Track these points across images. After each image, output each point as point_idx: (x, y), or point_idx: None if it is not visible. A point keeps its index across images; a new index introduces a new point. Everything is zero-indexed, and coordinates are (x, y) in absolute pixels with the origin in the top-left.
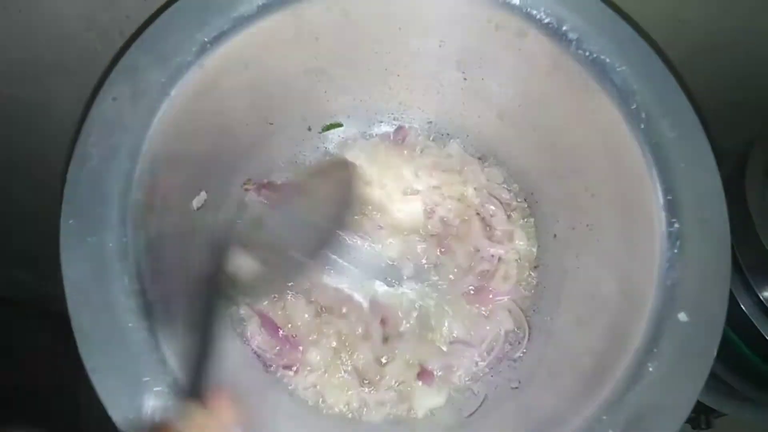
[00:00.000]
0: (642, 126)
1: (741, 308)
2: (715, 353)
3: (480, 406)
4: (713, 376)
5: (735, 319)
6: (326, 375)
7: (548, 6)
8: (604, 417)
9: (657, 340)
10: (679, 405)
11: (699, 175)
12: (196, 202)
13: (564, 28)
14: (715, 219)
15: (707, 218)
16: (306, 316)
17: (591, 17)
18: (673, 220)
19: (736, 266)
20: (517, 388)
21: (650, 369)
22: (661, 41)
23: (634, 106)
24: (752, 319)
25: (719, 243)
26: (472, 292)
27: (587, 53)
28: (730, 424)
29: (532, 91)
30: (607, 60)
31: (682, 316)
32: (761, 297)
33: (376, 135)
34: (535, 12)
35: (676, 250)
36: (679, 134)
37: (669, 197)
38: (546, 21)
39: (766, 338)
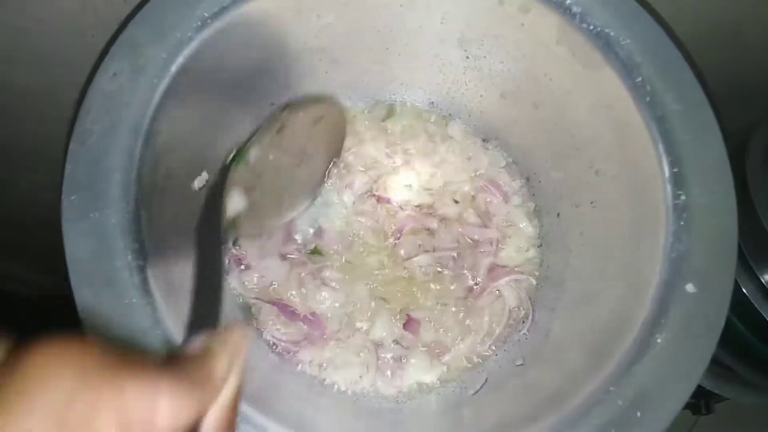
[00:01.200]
0: (647, 99)
1: (742, 292)
2: (723, 324)
3: (484, 384)
4: (714, 360)
5: (736, 302)
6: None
7: None
8: (612, 388)
9: (665, 312)
10: (688, 376)
11: (705, 147)
12: (197, 183)
13: (568, 1)
14: (721, 190)
15: (713, 190)
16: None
17: None
18: (680, 192)
19: (738, 250)
20: (522, 365)
21: (658, 340)
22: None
23: (639, 80)
24: (754, 303)
25: (726, 214)
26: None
27: (591, 26)
28: (732, 408)
29: (535, 68)
30: (612, 33)
31: (690, 287)
32: (763, 281)
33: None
34: None
35: (682, 223)
36: (685, 107)
37: (675, 170)
38: None
39: (767, 322)
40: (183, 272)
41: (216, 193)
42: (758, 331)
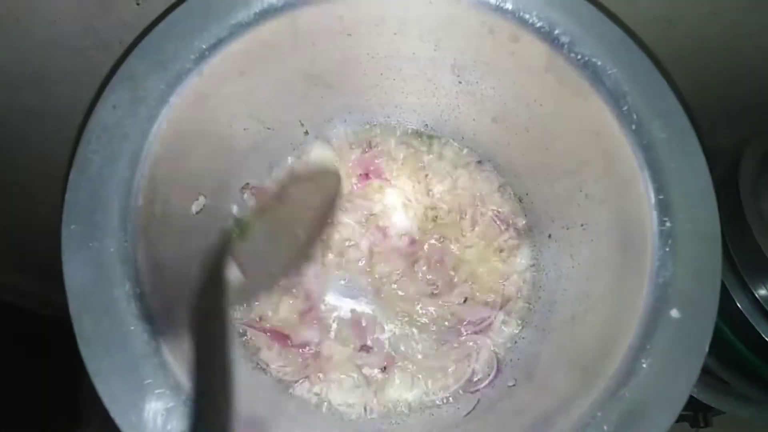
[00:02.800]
0: (633, 127)
1: (737, 306)
2: (707, 348)
3: (476, 405)
4: (711, 374)
5: (731, 317)
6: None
7: (540, 10)
8: (599, 413)
9: (650, 337)
10: (673, 400)
11: (689, 174)
12: (195, 207)
13: (556, 31)
14: (705, 217)
15: (698, 217)
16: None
17: (582, 21)
18: (665, 219)
19: (731, 265)
20: (514, 386)
21: (644, 365)
22: (651, 42)
23: (625, 108)
24: (748, 317)
25: (710, 241)
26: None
27: (579, 56)
28: (729, 421)
29: (525, 94)
30: (599, 63)
31: (675, 313)
32: (756, 295)
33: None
34: (527, 16)
35: (667, 249)
36: (670, 135)
37: (660, 197)
38: (538, 25)
39: (762, 336)
40: (181, 299)
41: (214, 266)
42: (752, 345)
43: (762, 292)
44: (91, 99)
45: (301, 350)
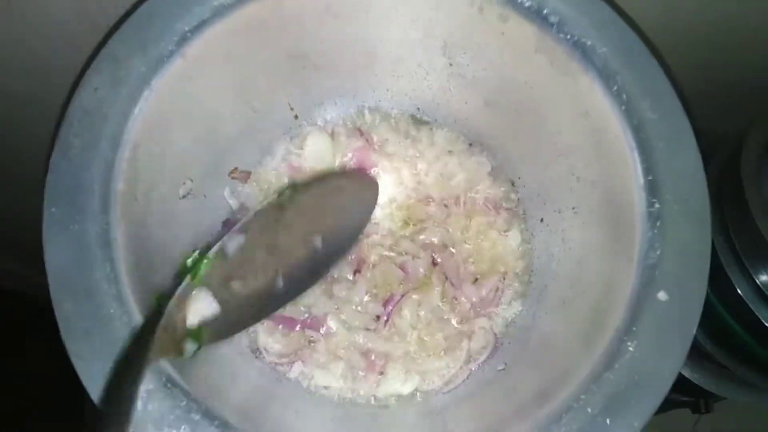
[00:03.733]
0: (623, 107)
1: (737, 292)
2: (694, 331)
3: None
4: (711, 359)
5: (731, 303)
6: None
7: None
8: (583, 396)
9: (636, 319)
10: (658, 383)
11: (679, 155)
12: (181, 191)
13: (545, 11)
14: (694, 199)
15: (687, 198)
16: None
17: (572, 0)
18: (654, 200)
19: (732, 251)
20: (503, 369)
21: (630, 348)
22: (649, 28)
23: (615, 88)
24: (749, 304)
25: (699, 222)
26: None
27: (568, 36)
28: (730, 407)
29: (516, 76)
30: (588, 42)
31: (662, 295)
32: (758, 281)
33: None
34: None
35: (656, 231)
36: (660, 115)
37: (649, 177)
38: (527, 5)
39: (762, 322)
40: (165, 282)
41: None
42: (753, 331)
43: (763, 278)
44: (73, 81)
45: (305, 330)
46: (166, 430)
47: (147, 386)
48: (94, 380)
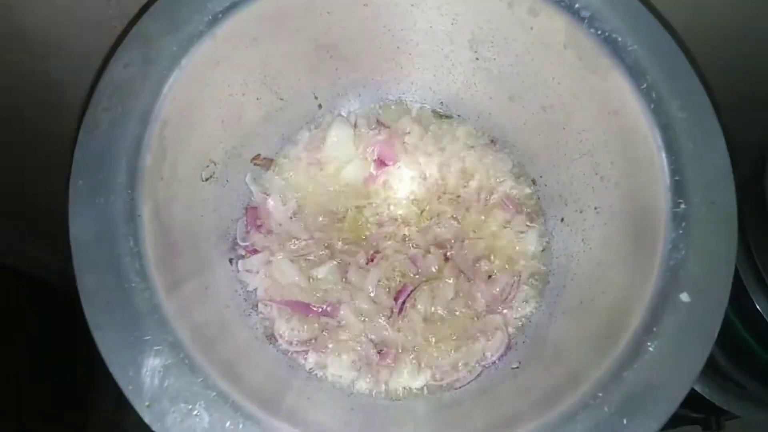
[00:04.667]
0: (652, 106)
1: (755, 307)
2: (716, 334)
3: (474, 378)
4: (726, 376)
5: (748, 318)
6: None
7: None
8: (600, 394)
9: (658, 320)
10: (677, 385)
11: (708, 156)
12: (204, 174)
13: (576, 5)
14: (722, 201)
15: (714, 200)
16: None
17: None
18: (680, 200)
19: (754, 268)
20: (517, 368)
21: (650, 348)
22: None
23: (644, 86)
24: (766, 318)
25: (726, 225)
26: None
27: (599, 31)
28: (741, 426)
29: (543, 71)
30: (619, 39)
31: (684, 297)
32: None
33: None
34: None
35: (681, 231)
36: (689, 115)
37: (676, 178)
38: None
39: None
40: (188, 263)
41: None
42: None
43: None
44: (104, 57)
45: (321, 317)
46: (182, 405)
47: (165, 361)
48: (112, 351)
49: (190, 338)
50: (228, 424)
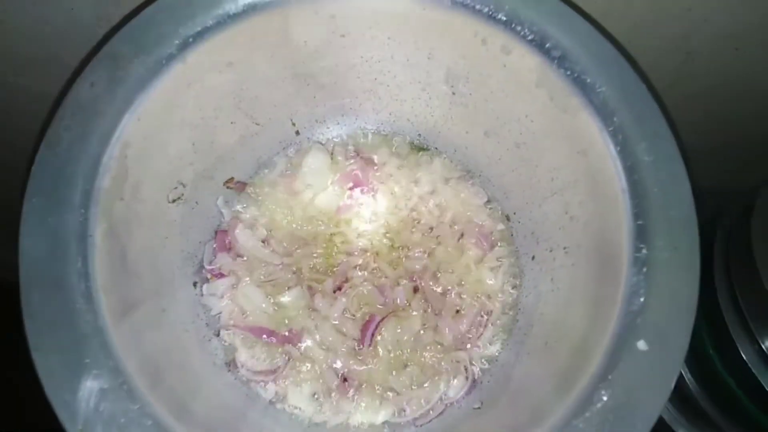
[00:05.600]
0: (618, 148)
1: (741, 356)
2: (672, 385)
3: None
4: (709, 424)
5: (734, 367)
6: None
7: (534, 23)
8: None
9: (613, 367)
10: None
11: (673, 202)
12: (171, 195)
13: (547, 45)
14: (685, 248)
15: (677, 246)
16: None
17: (576, 36)
18: (642, 245)
19: (739, 314)
20: (479, 408)
21: (603, 397)
22: (668, 74)
23: (611, 128)
24: (752, 368)
25: (688, 272)
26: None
27: (569, 72)
28: None
29: (517, 109)
30: (588, 79)
31: (642, 345)
32: (763, 346)
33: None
34: (519, 28)
35: (641, 276)
36: (656, 159)
37: (639, 222)
38: (530, 38)
39: (765, 388)
40: (146, 285)
41: None
42: (756, 398)
43: None
44: (70, 76)
45: (285, 345)
46: None
47: (102, 385)
48: (49, 372)
49: (137, 363)
50: None
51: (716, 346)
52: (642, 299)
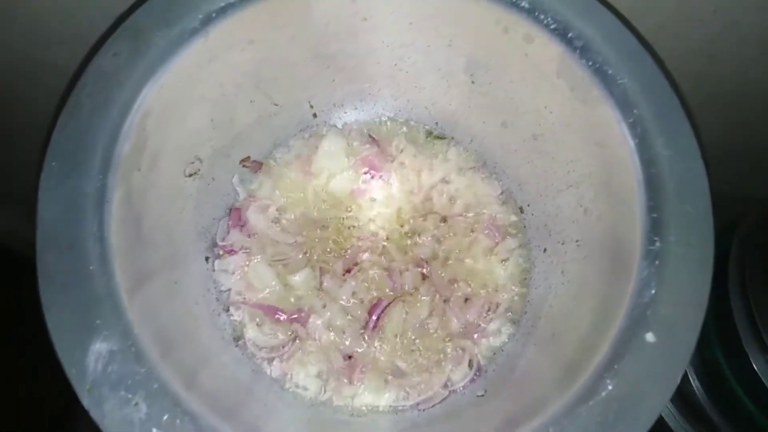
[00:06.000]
0: (636, 140)
1: (752, 365)
2: (678, 379)
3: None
4: (715, 430)
5: (744, 375)
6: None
7: (557, 12)
8: (550, 429)
9: (620, 358)
10: (633, 427)
11: (689, 197)
12: (188, 169)
13: (570, 35)
14: (699, 244)
15: (691, 241)
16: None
17: (599, 27)
18: (655, 238)
19: (752, 323)
20: (482, 396)
21: (609, 386)
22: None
23: (631, 120)
24: (762, 378)
25: (701, 268)
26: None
27: (590, 62)
28: None
29: (536, 99)
30: (610, 71)
31: (650, 337)
32: None
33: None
34: (542, 17)
35: (653, 269)
36: (674, 153)
37: (654, 215)
38: (553, 27)
39: None
40: (160, 255)
41: None
42: (765, 407)
43: None
44: (93, 45)
45: (293, 324)
46: (122, 393)
47: (111, 347)
48: (61, 331)
49: (147, 331)
50: (166, 417)
51: (726, 354)
52: (653, 291)
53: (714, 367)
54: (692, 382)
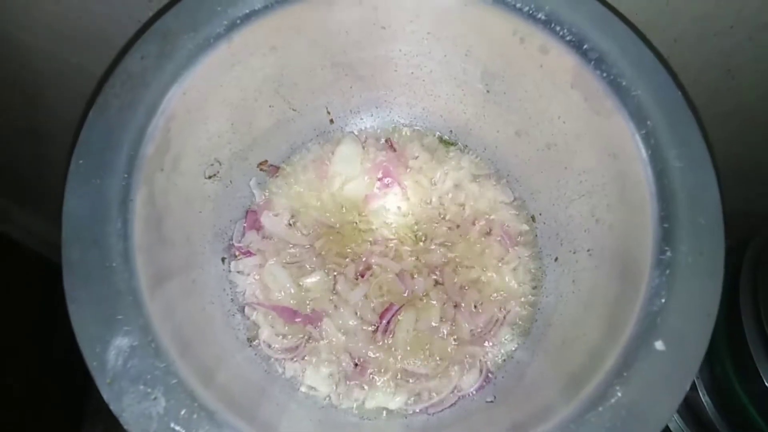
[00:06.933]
0: (649, 152)
1: (763, 383)
2: (687, 387)
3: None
4: None
5: (756, 393)
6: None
7: (573, 24)
8: None
9: (629, 365)
10: None
11: (700, 208)
12: (208, 171)
13: (585, 46)
14: (710, 254)
15: (702, 251)
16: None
17: (614, 39)
18: (666, 248)
19: (764, 339)
20: (492, 402)
21: (618, 393)
22: (707, 89)
23: (644, 131)
24: None
25: (712, 278)
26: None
27: (605, 74)
28: None
29: (550, 109)
30: (624, 82)
31: (659, 345)
32: None
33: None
34: (558, 28)
35: (664, 279)
36: (686, 165)
37: (665, 225)
38: (568, 38)
39: None
40: (179, 254)
41: None
42: None
43: None
44: (121, 49)
45: (306, 326)
46: (141, 387)
47: (132, 342)
48: (83, 325)
49: (167, 328)
50: (183, 412)
51: (738, 371)
52: (663, 300)
53: (725, 384)
54: (702, 397)
